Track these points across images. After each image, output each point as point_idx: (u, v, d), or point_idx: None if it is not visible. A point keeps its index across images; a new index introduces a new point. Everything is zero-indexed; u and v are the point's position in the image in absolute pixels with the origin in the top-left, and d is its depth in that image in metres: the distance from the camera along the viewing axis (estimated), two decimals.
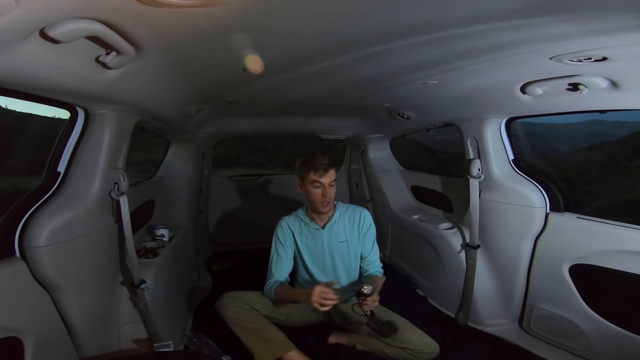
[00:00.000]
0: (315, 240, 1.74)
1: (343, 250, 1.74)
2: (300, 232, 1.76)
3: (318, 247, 1.73)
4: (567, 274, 1.59)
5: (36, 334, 1.03)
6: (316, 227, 1.75)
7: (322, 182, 1.61)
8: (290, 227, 1.76)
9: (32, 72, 0.77)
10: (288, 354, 1.52)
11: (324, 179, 1.60)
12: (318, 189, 1.62)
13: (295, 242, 1.76)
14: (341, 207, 1.79)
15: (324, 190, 1.62)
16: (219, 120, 2.44)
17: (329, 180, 1.61)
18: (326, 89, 1.61)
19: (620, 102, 1.25)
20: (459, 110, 1.81)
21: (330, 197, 1.64)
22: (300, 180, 1.69)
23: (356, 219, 1.77)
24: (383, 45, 1.00)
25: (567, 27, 0.85)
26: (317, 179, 1.61)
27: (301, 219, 1.78)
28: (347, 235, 1.75)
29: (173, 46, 0.94)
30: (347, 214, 1.78)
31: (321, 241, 1.74)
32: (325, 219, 1.75)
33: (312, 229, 1.75)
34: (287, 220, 1.78)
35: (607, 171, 2.62)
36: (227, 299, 1.62)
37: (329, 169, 1.61)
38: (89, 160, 1.24)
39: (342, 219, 1.76)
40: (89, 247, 1.24)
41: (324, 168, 1.59)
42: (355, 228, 1.76)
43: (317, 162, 1.60)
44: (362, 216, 1.77)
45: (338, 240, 1.74)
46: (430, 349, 1.52)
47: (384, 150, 2.96)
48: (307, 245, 1.75)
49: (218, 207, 3.40)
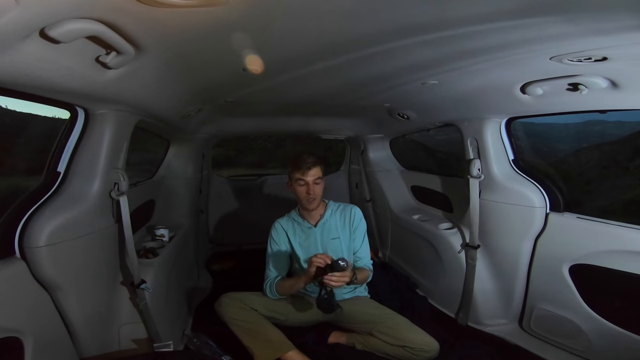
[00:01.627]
0: (308, 238, 1.77)
1: (336, 247, 1.75)
2: (293, 232, 1.78)
3: (311, 245, 1.75)
4: (567, 274, 1.59)
5: (36, 334, 1.03)
6: (308, 225, 1.77)
7: (306, 180, 1.66)
8: (283, 227, 1.79)
9: (32, 72, 0.77)
10: (287, 354, 1.52)
11: (307, 177, 1.65)
12: (303, 186, 1.67)
13: (289, 241, 1.78)
14: (332, 206, 1.82)
15: (309, 187, 1.66)
16: (219, 120, 2.44)
17: (312, 178, 1.66)
18: (326, 89, 1.62)
19: (620, 102, 1.25)
20: (459, 110, 1.81)
21: (315, 194, 1.68)
22: (289, 180, 1.74)
23: (347, 216, 1.79)
24: (383, 45, 1.00)
25: (567, 27, 0.85)
26: (301, 177, 1.66)
27: (294, 219, 1.81)
28: (339, 232, 1.77)
29: (173, 46, 0.94)
30: (339, 211, 1.81)
31: (314, 239, 1.76)
32: (317, 217, 1.78)
33: (305, 227, 1.78)
34: (281, 222, 1.82)
35: (607, 171, 2.62)
36: (225, 300, 1.63)
37: (312, 167, 1.65)
38: (89, 160, 1.24)
39: (333, 216, 1.79)
40: (89, 247, 1.24)
41: (307, 166, 1.64)
42: (347, 225, 1.78)
43: (300, 161, 1.66)
44: (353, 212, 1.80)
45: (330, 237, 1.76)
46: (430, 347, 1.53)
47: (384, 150, 2.96)
48: (300, 244, 1.77)
49: (218, 207, 3.40)
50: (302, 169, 1.65)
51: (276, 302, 1.69)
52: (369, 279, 1.75)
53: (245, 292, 1.70)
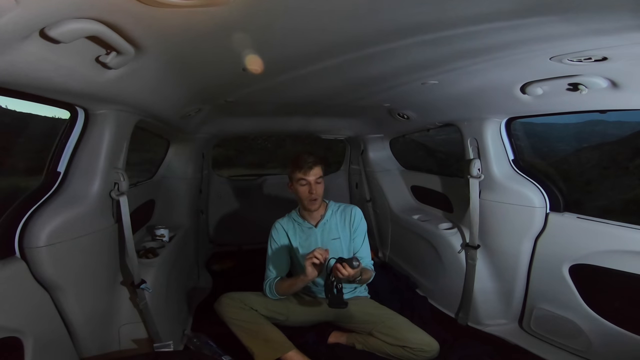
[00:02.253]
0: (308, 238, 1.76)
1: (336, 248, 1.74)
2: (294, 232, 1.78)
3: (312, 245, 1.74)
4: (567, 274, 1.59)
5: (36, 334, 1.03)
6: (309, 225, 1.77)
7: (308, 179, 1.64)
8: (284, 228, 1.79)
9: (32, 72, 0.77)
10: (287, 354, 1.52)
11: (309, 176, 1.64)
12: (305, 186, 1.66)
13: (289, 242, 1.77)
14: (333, 206, 1.81)
15: (310, 187, 1.65)
16: (219, 120, 2.43)
17: (314, 178, 1.64)
18: (326, 89, 1.62)
19: (620, 102, 1.25)
20: (459, 110, 1.81)
21: (317, 194, 1.66)
22: (289, 180, 1.73)
23: (347, 216, 1.78)
24: (383, 45, 1.00)
25: (567, 27, 0.85)
26: (303, 177, 1.64)
27: (294, 219, 1.80)
28: (339, 233, 1.76)
29: (173, 46, 0.94)
30: (339, 212, 1.80)
31: (314, 239, 1.75)
32: (318, 217, 1.77)
33: (305, 227, 1.77)
34: (281, 222, 1.81)
35: (607, 171, 2.62)
36: (225, 300, 1.63)
37: (313, 166, 1.64)
38: (89, 160, 1.24)
39: (334, 217, 1.78)
40: (89, 247, 1.24)
41: (308, 166, 1.63)
42: (347, 225, 1.77)
43: (301, 161, 1.64)
44: (353, 213, 1.79)
45: (331, 237, 1.75)
46: (430, 347, 1.53)
47: (384, 150, 2.96)
48: (301, 245, 1.76)
49: (218, 207, 3.40)
50: (303, 168, 1.64)
51: (276, 302, 1.69)
52: (371, 280, 1.74)
53: (245, 292, 1.69)
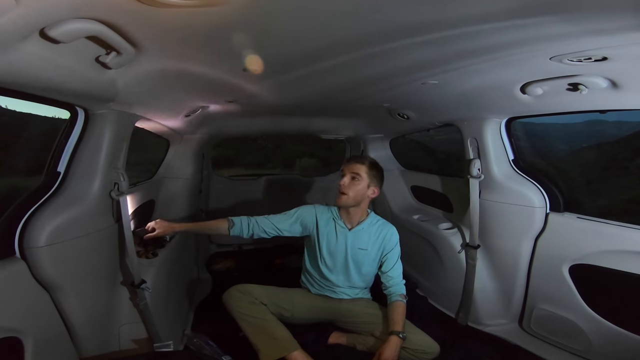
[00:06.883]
0: (338, 238, 1.75)
1: (360, 257, 1.74)
2: (326, 224, 1.77)
3: (339, 245, 1.74)
4: (567, 274, 1.59)
5: (36, 334, 1.03)
6: (344, 226, 1.76)
7: (345, 171, 1.70)
8: (317, 214, 1.78)
9: (32, 72, 0.77)
10: (292, 354, 1.50)
11: (347, 169, 1.70)
12: (342, 178, 1.71)
13: (316, 229, 1.76)
14: (372, 217, 1.80)
15: (344, 180, 1.68)
16: (219, 120, 2.43)
17: (350, 171, 1.68)
18: (326, 89, 1.61)
19: (620, 102, 1.25)
20: (459, 110, 1.81)
21: (347, 189, 1.67)
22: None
23: (382, 234, 1.75)
24: (383, 45, 1.00)
25: (567, 27, 0.84)
26: (344, 168, 1.73)
27: (333, 214, 1.79)
28: (369, 245, 1.74)
29: (173, 46, 0.94)
30: (377, 225, 1.78)
31: (343, 241, 1.74)
32: (355, 222, 1.76)
33: (340, 226, 1.76)
34: (318, 208, 1.81)
35: (607, 171, 2.62)
36: (236, 293, 1.61)
37: (357, 162, 1.70)
38: (89, 160, 1.24)
39: (370, 228, 1.76)
40: (89, 247, 1.24)
41: (355, 160, 1.72)
42: (379, 241, 1.75)
43: (353, 156, 1.81)
44: (390, 233, 1.76)
45: (359, 246, 1.74)
46: (430, 348, 1.52)
47: (384, 150, 2.95)
48: (328, 240, 1.75)
49: (218, 207, 3.40)
50: (350, 161, 1.71)
51: (283, 298, 1.69)
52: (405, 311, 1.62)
53: (255, 286, 1.68)
